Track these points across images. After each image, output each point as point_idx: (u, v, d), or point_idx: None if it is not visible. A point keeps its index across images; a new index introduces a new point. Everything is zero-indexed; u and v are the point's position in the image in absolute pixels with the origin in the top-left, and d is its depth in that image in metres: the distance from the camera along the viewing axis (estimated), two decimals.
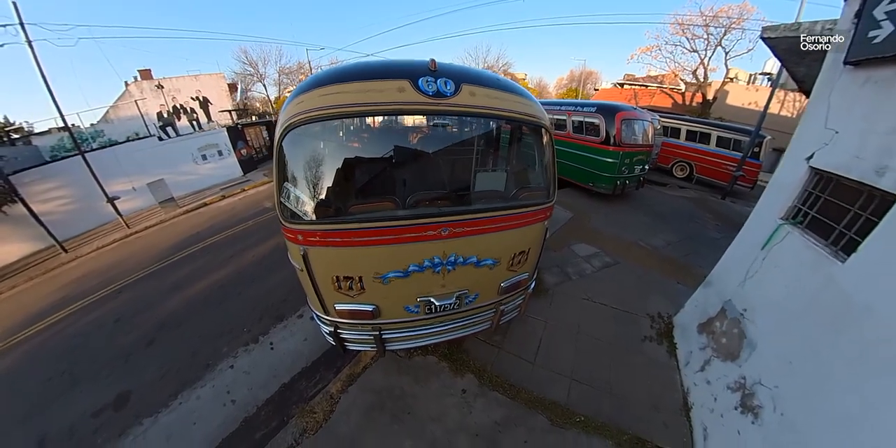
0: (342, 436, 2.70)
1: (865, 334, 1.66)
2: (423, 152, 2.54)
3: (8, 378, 4.08)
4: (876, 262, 1.71)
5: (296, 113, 1.82)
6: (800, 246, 2.26)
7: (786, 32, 2.93)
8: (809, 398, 1.89)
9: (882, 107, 1.82)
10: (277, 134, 1.92)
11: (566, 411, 2.81)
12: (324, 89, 1.83)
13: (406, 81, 1.83)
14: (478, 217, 2.20)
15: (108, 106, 12.34)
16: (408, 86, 1.83)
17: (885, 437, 1.39)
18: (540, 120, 2.33)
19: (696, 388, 2.90)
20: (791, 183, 2.45)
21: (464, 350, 3.43)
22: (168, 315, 4.84)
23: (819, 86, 2.33)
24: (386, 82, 1.84)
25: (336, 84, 1.83)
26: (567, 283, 4.55)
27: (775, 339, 2.29)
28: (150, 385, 3.57)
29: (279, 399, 3.20)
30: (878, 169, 1.78)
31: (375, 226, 2.02)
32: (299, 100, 1.86)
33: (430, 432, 2.69)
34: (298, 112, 1.82)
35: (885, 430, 1.40)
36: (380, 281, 2.17)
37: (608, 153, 7.13)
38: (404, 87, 1.83)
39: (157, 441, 2.92)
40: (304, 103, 1.83)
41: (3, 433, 3.23)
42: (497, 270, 2.49)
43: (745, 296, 2.70)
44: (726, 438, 2.36)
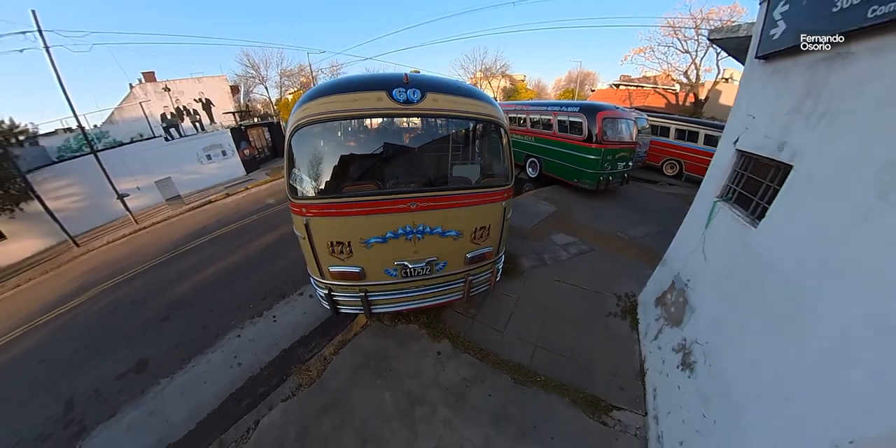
0: (332, 388, 3.10)
1: (768, 288, 1.94)
2: (399, 146, 3.17)
3: (37, 352, 4.53)
4: (777, 222, 1.99)
5: (302, 116, 2.43)
6: (729, 219, 2.54)
7: (729, 34, 3.23)
8: (729, 349, 2.16)
9: (783, 92, 2.12)
10: (288, 132, 2.50)
11: (528, 372, 3.11)
12: (323, 99, 2.44)
13: (383, 92, 2.41)
14: (438, 195, 2.73)
15: (113, 108, 12.83)
16: (384, 95, 2.40)
17: (783, 377, 1.62)
18: (493, 118, 2.80)
19: (651, 355, 3.17)
20: (724, 165, 2.74)
21: (442, 320, 3.80)
22: (180, 296, 5.29)
23: (742, 78, 2.64)
24: (368, 93, 2.43)
25: (332, 95, 2.45)
26: (542, 267, 4.84)
27: (707, 302, 2.58)
28: (167, 353, 4.02)
29: (280, 362, 3.63)
30: (779, 145, 2.07)
31: (359, 200, 2.62)
32: (305, 106, 2.46)
33: (407, 386, 3.06)
34: (304, 116, 2.42)
35: (783, 371, 1.64)
36: (364, 245, 2.68)
37: (591, 150, 7.42)
38: (382, 96, 2.40)
39: (173, 397, 3.38)
40: (309, 109, 2.43)
41: (35, 397, 3.66)
42: (461, 242, 2.92)
43: (690, 268, 2.98)
44: (670, 394, 2.62)
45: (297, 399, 3.03)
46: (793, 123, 1.97)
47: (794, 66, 2.03)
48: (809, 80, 1.88)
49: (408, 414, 2.81)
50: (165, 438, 2.94)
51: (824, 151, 1.71)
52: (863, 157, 1.46)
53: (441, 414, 2.80)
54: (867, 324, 1.30)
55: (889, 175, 1.33)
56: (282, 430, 2.77)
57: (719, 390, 2.07)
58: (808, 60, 1.90)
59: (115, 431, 3.08)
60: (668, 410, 2.51)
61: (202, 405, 3.22)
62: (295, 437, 2.70)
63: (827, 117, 1.72)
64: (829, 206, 1.61)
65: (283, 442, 2.68)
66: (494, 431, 2.65)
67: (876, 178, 1.38)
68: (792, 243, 1.82)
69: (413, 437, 2.63)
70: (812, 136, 1.80)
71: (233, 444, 2.73)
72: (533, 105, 9.88)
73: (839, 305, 1.45)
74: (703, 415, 2.10)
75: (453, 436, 2.63)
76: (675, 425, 2.35)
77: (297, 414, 2.89)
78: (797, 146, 1.90)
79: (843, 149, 1.59)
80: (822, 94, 1.77)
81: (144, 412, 3.25)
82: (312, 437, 2.69)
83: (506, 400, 2.88)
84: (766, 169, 2.25)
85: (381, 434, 2.67)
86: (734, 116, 2.71)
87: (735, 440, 1.80)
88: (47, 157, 11.18)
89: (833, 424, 1.31)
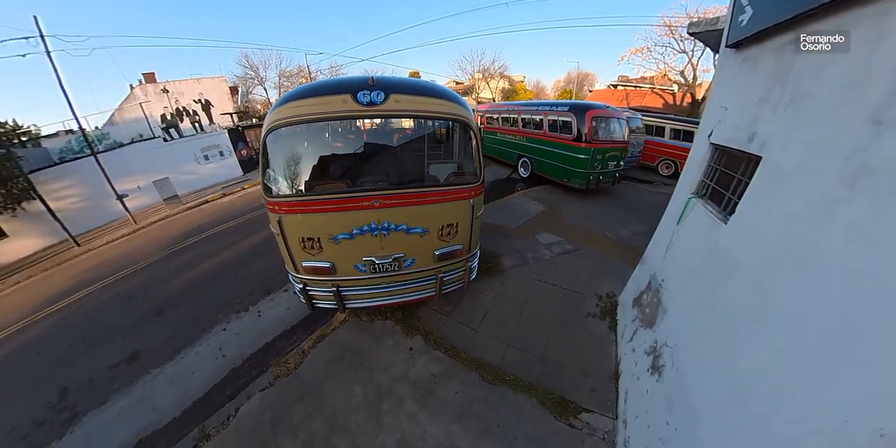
0: (307, 379, 3.18)
1: (733, 287, 1.80)
2: (366, 146, 3.26)
3: (36, 344, 4.69)
4: (746, 218, 1.85)
5: (274, 120, 2.51)
6: (702, 216, 2.40)
7: (707, 27, 3.08)
8: (693, 352, 2.02)
9: (752, 81, 1.98)
10: (262, 134, 2.55)
11: (498, 371, 3.02)
12: (293, 103, 2.51)
13: (348, 95, 2.47)
14: (401, 192, 2.72)
15: (113, 109, 12.93)
16: (349, 98, 2.46)
17: (740, 381, 1.49)
18: (459, 117, 2.75)
19: (626, 357, 3.02)
20: (699, 160, 2.59)
21: (417, 317, 3.75)
22: (174, 292, 5.41)
23: (716, 70, 2.49)
24: (334, 96, 2.49)
25: (301, 99, 2.52)
26: (523, 266, 4.69)
27: (677, 302, 2.43)
28: (158, 345, 4.14)
29: (262, 355, 3.72)
30: (749, 136, 1.93)
31: (326, 198, 2.70)
32: (278, 110, 2.53)
33: (377, 379, 3.08)
34: (276, 119, 2.50)
35: (740, 374, 1.51)
36: (332, 241, 2.71)
37: (580, 150, 7.27)
38: (346, 99, 2.46)
39: (163, 386, 3.49)
40: (281, 112, 2.50)
41: (32, 386, 3.80)
42: (428, 239, 2.86)
43: (664, 267, 2.83)
44: (638, 398, 2.48)
45: (274, 389, 3.13)
46: (762, 112, 1.83)
47: (762, 53, 1.89)
48: (777, 65, 1.74)
49: (375, 406, 2.84)
50: (152, 424, 3.04)
51: (791, 139, 1.57)
52: (829, 144, 1.33)
53: (407, 408, 2.80)
54: (825, 323, 1.16)
55: (857, 163, 1.19)
56: (259, 417, 2.88)
57: (682, 395, 1.93)
58: (774, 45, 1.76)
59: (106, 417, 3.19)
60: (636, 415, 2.37)
61: (189, 394, 3.33)
62: (270, 423, 2.81)
63: (793, 103, 1.58)
64: (797, 199, 1.47)
65: (258, 428, 2.79)
66: (458, 427, 2.62)
67: (844, 165, 1.24)
68: (759, 239, 1.67)
69: (378, 429, 2.66)
70: (779, 124, 1.66)
71: (214, 429, 2.83)
72: (524, 105, 9.76)
73: (800, 304, 1.31)
74: (666, 422, 1.96)
75: (416, 430, 2.63)
76: (641, 430, 2.21)
77: (272, 403, 3.00)
78: (765, 136, 1.76)
79: (810, 136, 1.45)
80: (788, 80, 1.63)
81: (134, 400, 3.35)
82: (285, 423, 2.80)
83: (472, 397, 2.82)
84: (738, 162, 2.11)
85: (349, 424, 2.72)
86: (709, 109, 2.57)
87: (690, 444, 1.66)
88: (49, 159, 11.29)
89: (788, 434, 1.17)
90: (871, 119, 1.13)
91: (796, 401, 1.19)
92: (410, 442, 2.56)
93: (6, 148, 8.67)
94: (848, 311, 1.10)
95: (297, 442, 2.64)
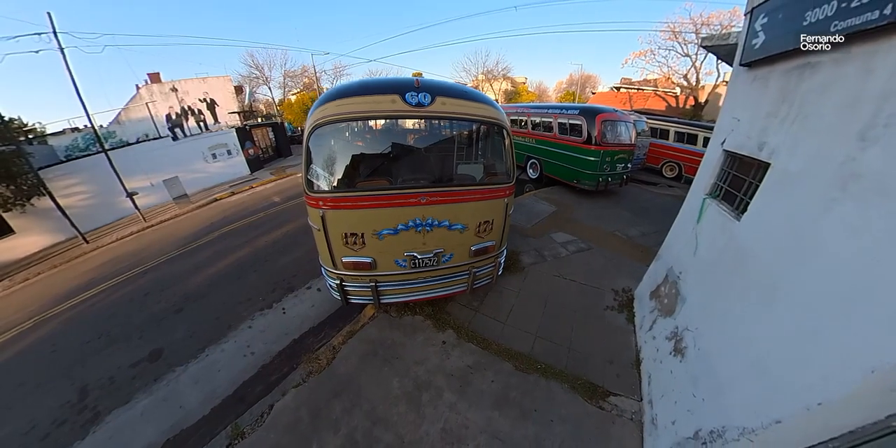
0: (341, 375, 3.26)
1: (748, 274, 2.13)
2: (409, 146, 3.44)
3: (49, 341, 4.67)
4: (757, 215, 2.19)
5: (321, 116, 2.62)
6: (716, 214, 2.74)
7: (719, 41, 3.46)
8: (715, 332, 2.35)
9: (763, 97, 2.33)
10: (307, 131, 2.69)
11: (529, 360, 3.28)
12: (340, 101, 2.64)
13: (397, 96, 2.61)
14: (446, 190, 2.94)
15: (119, 108, 13.10)
16: (398, 99, 2.61)
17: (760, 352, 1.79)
18: (497, 120, 3.01)
19: (646, 345, 3.35)
20: (712, 164, 2.94)
21: (446, 312, 3.98)
22: (193, 289, 5.48)
23: (729, 84, 2.84)
24: (383, 96, 2.63)
25: (349, 97, 2.65)
26: (542, 263, 5.03)
27: (697, 291, 2.76)
28: (180, 342, 4.16)
29: (290, 351, 3.80)
30: (759, 145, 2.27)
31: (373, 193, 2.83)
32: (324, 107, 2.64)
33: (413, 372, 3.22)
34: (323, 115, 2.61)
35: (760, 346, 1.82)
36: (376, 237, 2.88)
37: (590, 152, 7.64)
38: (395, 99, 2.61)
39: (188, 384, 3.50)
40: (327, 110, 2.62)
41: (48, 384, 3.79)
42: (466, 235, 3.12)
43: (681, 261, 3.17)
44: (663, 379, 2.80)
45: (309, 385, 3.19)
46: (770, 125, 2.17)
47: (771, 74, 2.24)
48: (784, 86, 2.08)
49: (415, 398, 2.97)
50: (179, 423, 3.05)
51: (796, 150, 1.91)
52: (827, 154, 1.66)
53: (446, 398, 2.96)
54: (824, 299, 1.49)
55: (848, 170, 1.53)
56: (295, 412, 2.92)
57: (706, 371, 2.24)
58: (783, 68, 2.11)
59: (130, 417, 3.20)
60: (662, 394, 2.68)
61: (216, 392, 3.36)
62: (308, 419, 2.86)
63: (798, 120, 1.92)
64: (800, 198, 1.81)
65: (296, 423, 2.82)
66: (497, 413, 2.81)
67: (837, 172, 1.58)
68: (769, 233, 2.01)
69: (420, 419, 2.79)
70: (786, 136, 2.00)
71: (248, 427, 2.85)
72: (534, 108, 10.12)
73: (804, 285, 1.64)
74: (692, 395, 2.28)
75: (458, 418, 2.79)
76: (668, 407, 2.52)
77: (309, 398, 3.05)
78: (774, 146, 2.11)
79: (811, 147, 1.79)
80: (794, 100, 1.98)
81: (158, 398, 3.36)
82: (324, 418, 2.85)
83: (508, 385, 3.04)
84: (749, 167, 2.46)
85: (390, 416, 2.83)
86: (722, 119, 2.92)
87: (719, 413, 1.98)
88: (56, 156, 11.46)
89: (804, 390, 1.47)
90: (859, 136, 1.47)
91: (808, 360, 1.50)
92: (453, 430, 2.69)
93: (16, 144, 8.82)
94: (841, 289, 1.43)
95: (338, 436, 2.69)
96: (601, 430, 2.66)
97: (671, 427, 2.35)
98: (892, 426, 1.19)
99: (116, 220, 10.57)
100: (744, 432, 1.68)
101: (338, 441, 2.65)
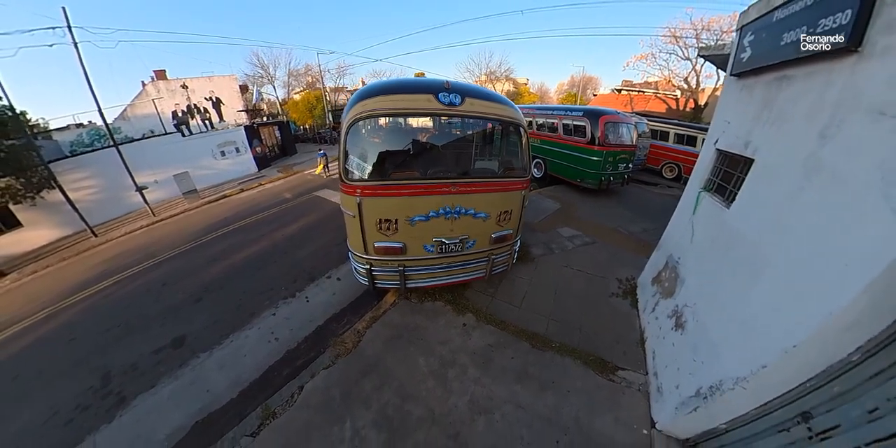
0: (369, 356, 3.53)
1: (739, 254, 2.54)
2: (438, 141, 3.83)
3: (67, 330, 4.82)
4: (743, 202, 2.61)
5: (362, 111, 2.92)
6: (709, 204, 3.16)
7: (716, 51, 3.91)
8: (710, 304, 2.75)
9: (749, 102, 2.76)
10: (346, 124, 3.01)
11: (544, 339, 3.67)
12: (380, 97, 2.97)
13: (431, 95, 2.97)
14: (473, 181, 3.35)
15: (125, 105, 13.39)
16: (433, 98, 2.96)
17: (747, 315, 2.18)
18: (516, 120, 3.42)
19: (650, 325, 3.75)
20: (707, 162, 3.37)
21: (465, 297, 4.37)
22: (212, 279, 5.71)
23: (721, 91, 3.28)
24: (419, 95, 2.99)
25: (388, 94, 2.98)
26: (550, 255, 5.45)
27: (695, 272, 3.18)
28: (203, 330, 4.33)
29: (315, 337, 4.04)
30: (745, 143, 2.70)
31: (409, 182, 3.17)
32: (363, 102, 2.95)
33: (438, 352, 3.56)
34: (363, 110, 2.92)
35: (747, 310, 2.20)
36: (409, 223, 3.24)
37: (593, 152, 8.11)
38: (430, 99, 2.97)
39: (213, 369, 3.67)
40: (367, 105, 2.93)
41: (68, 372, 3.90)
42: (488, 223, 3.52)
43: (680, 248, 3.59)
44: (666, 353, 3.19)
45: (338, 366, 3.40)
46: (755, 127, 2.60)
47: (756, 84, 2.67)
48: (766, 94, 2.52)
49: (441, 374, 3.25)
50: (207, 406, 3.19)
51: (774, 147, 2.34)
52: (796, 151, 2.08)
53: (471, 373, 3.26)
54: (799, 264, 1.90)
55: (812, 162, 1.94)
56: (326, 392, 3.12)
57: (704, 338, 2.64)
58: (766, 79, 2.54)
59: (156, 401, 3.31)
60: (666, 365, 3.07)
61: (242, 376, 3.51)
62: (339, 397, 3.06)
63: (776, 122, 2.35)
64: (777, 187, 2.22)
65: (328, 402, 3.01)
66: (519, 386, 3.13)
67: (804, 164, 2.00)
68: (753, 216, 2.43)
69: (448, 394, 3.06)
70: (767, 136, 2.43)
71: (279, 407, 3.00)
72: (539, 109, 10.59)
73: (783, 254, 2.05)
74: (693, 360, 2.66)
75: (483, 391, 3.08)
76: (672, 374, 2.91)
77: (339, 379, 3.25)
78: (757, 144, 2.53)
79: (785, 145, 2.21)
80: (774, 105, 2.41)
81: (185, 383, 3.49)
82: (355, 396, 3.06)
83: (526, 361, 3.40)
84: (737, 163, 2.88)
85: (419, 392, 3.08)
86: (715, 121, 3.36)
87: (716, 371, 2.35)
88: (60, 151, 11.72)
89: (782, 335, 1.82)
90: (820, 135, 1.89)
91: (785, 311, 1.90)
92: (480, 402, 2.95)
93: (27, 136, 9.04)
94: (808, 255, 1.83)
95: (371, 411, 2.88)
96: (612, 400, 3.02)
97: (675, 391, 2.72)
98: (852, 361, 1.58)
99: (124, 215, 10.82)
100: (737, 381, 2.04)
101: (370, 416, 2.87)
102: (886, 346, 1.49)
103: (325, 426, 2.82)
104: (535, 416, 2.86)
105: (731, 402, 2.12)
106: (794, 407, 1.85)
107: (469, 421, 2.82)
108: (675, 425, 2.60)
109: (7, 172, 8.49)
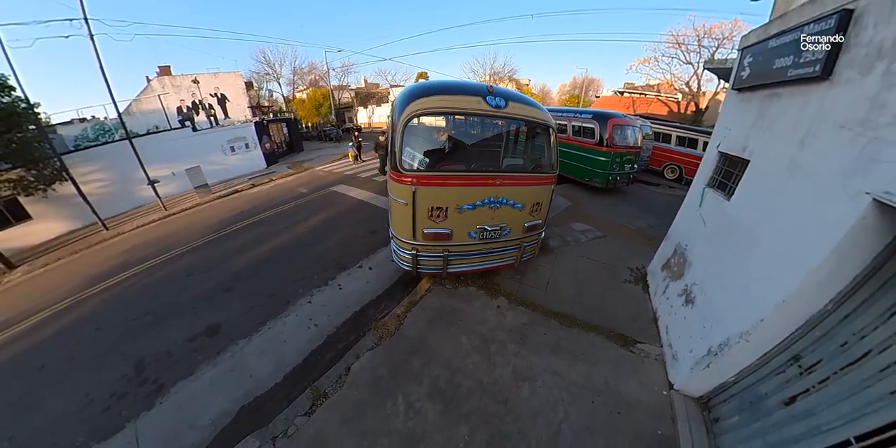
0: (412, 337, 3.88)
1: (738, 236, 3.18)
2: (482, 138, 4.40)
3: (91, 320, 4.94)
4: (741, 195, 3.25)
5: (419, 108, 3.36)
6: (713, 198, 3.82)
7: (719, 65, 4.60)
8: (715, 279, 3.36)
9: (746, 113, 3.42)
10: (403, 119, 3.42)
11: (571, 318, 4.24)
12: (436, 96, 3.41)
13: (480, 98, 3.43)
14: (514, 175, 3.94)
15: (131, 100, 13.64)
16: (481, 100, 3.43)
17: (745, 284, 2.79)
18: (548, 122, 4.02)
19: (661, 305, 4.38)
20: (711, 162, 4.03)
21: (496, 283, 4.94)
22: (240, 269, 5.98)
23: (724, 102, 3.96)
24: (470, 97, 3.45)
25: (442, 95, 3.44)
26: (567, 247, 6.10)
27: (701, 255, 3.82)
28: (238, 317, 4.49)
29: (354, 322, 4.33)
30: (743, 147, 3.35)
31: (461, 174, 3.69)
32: (420, 101, 3.38)
33: (478, 330, 4.05)
34: (421, 107, 3.36)
35: (744, 281, 2.81)
36: (458, 211, 3.74)
37: (602, 153, 8.81)
38: (479, 101, 3.43)
39: (253, 355, 3.81)
40: (424, 103, 3.38)
41: (99, 360, 4.01)
42: (523, 213, 4.11)
43: (687, 236, 4.24)
44: (677, 326, 3.78)
45: (382, 348, 3.64)
46: (751, 134, 3.26)
47: (753, 97, 3.33)
48: (761, 107, 3.17)
49: (483, 350, 3.63)
50: (252, 391, 3.31)
51: (765, 151, 2.99)
52: (783, 154, 2.73)
53: (510, 348, 3.69)
54: (784, 239, 2.53)
55: (794, 162, 2.58)
56: (374, 371, 3.35)
57: (710, 308, 3.25)
58: (761, 95, 3.20)
59: (197, 387, 3.40)
60: (678, 336, 3.68)
61: (285, 361, 3.68)
62: (388, 375, 3.28)
63: (768, 131, 3.00)
64: (767, 183, 2.86)
65: (378, 380, 3.24)
66: (554, 358, 3.59)
67: (788, 164, 2.64)
68: (748, 206, 3.08)
69: (492, 366, 3.45)
70: (760, 141, 3.09)
71: (329, 388, 3.18)
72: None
73: (772, 236, 2.68)
74: (702, 327, 3.25)
75: (523, 362, 3.51)
76: (684, 342, 3.52)
77: (385, 358, 3.47)
78: (752, 148, 3.19)
79: (775, 149, 2.86)
80: (766, 116, 3.06)
81: (225, 369, 3.60)
82: (404, 373, 3.31)
83: (557, 337, 3.92)
84: (735, 163, 3.54)
85: (466, 366, 3.44)
86: (718, 127, 4.02)
87: (723, 331, 2.92)
88: (65, 146, 11.92)
89: (773, 295, 2.39)
90: (800, 142, 2.54)
91: (776, 275, 2.52)
92: (522, 371, 3.35)
93: (39, 128, 9.20)
94: (790, 231, 2.47)
95: (423, 386, 3.13)
96: (634, 367, 3.52)
97: (689, 355, 3.29)
98: (827, 310, 2.18)
99: (134, 209, 11.10)
100: (741, 336, 2.60)
101: (423, 390, 3.14)
102: (850, 296, 2.10)
103: (377, 402, 3.05)
104: (570, 382, 3.31)
105: (737, 356, 2.68)
106: (788, 352, 2.42)
107: (515, 388, 3.23)
108: (690, 385, 3.16)
109: (20, 164, 8.72)
